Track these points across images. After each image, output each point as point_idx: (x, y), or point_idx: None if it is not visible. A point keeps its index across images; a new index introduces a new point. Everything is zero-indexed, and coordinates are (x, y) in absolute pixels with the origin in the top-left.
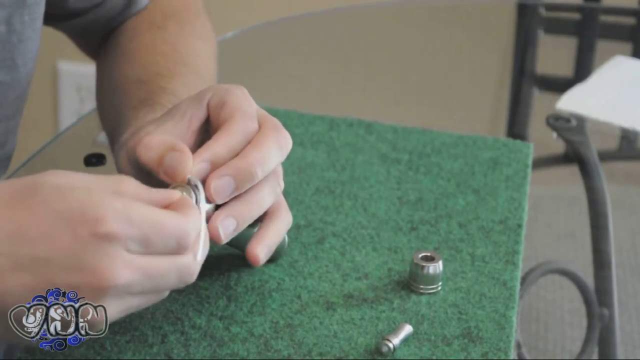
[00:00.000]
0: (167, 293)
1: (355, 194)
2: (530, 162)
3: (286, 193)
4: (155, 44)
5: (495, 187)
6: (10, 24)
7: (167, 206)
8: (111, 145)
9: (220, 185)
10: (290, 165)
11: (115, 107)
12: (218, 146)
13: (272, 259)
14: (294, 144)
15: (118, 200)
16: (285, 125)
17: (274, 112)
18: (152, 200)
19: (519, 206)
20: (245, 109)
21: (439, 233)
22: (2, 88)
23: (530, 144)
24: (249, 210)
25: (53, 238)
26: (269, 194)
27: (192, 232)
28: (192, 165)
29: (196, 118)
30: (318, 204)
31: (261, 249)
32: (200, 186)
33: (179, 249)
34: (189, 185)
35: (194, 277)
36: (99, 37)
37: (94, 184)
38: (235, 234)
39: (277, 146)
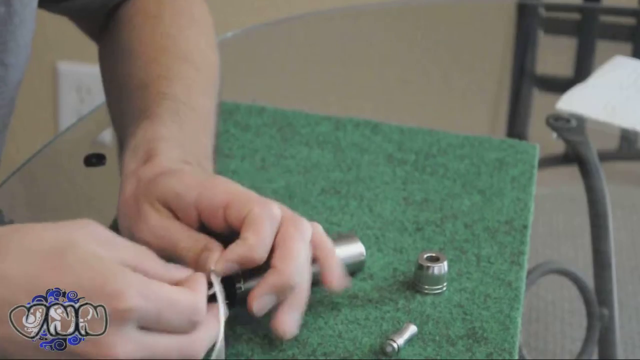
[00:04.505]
0: None
1: (361, 195)
2: (536, 163)
3: (292, 193)
4: (154, 38)
5: (501, 188)
6: (10, 4)
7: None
8: (119, 146)
9: (263, 304)
10: (296, 166)
11: (122, 114)
12: (245, 250)
13: (352, 274)
14: (300, 143)
15: (136, 277)
16: (292, 126)
17: (280, 113)
18: (166, 276)
19: (525, 207)
20: (262, 203)
21: (445, 234)
22: (9, 71)
23: (536, 145)
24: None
25: None
26: (303, 251)
27: (202, 308)
28: (219, 262)
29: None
30: (324, 204)
31: (285, 321)
32: (218, 287)
33: (189, 325)
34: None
35: (199, 355)
36: (98, 19)
37: (120, 253)
38: (272, 304)
39: (303, 242)
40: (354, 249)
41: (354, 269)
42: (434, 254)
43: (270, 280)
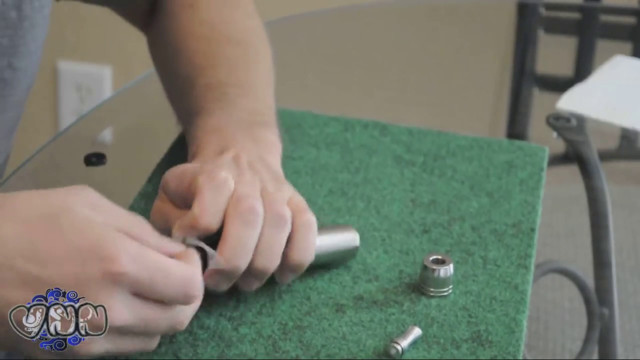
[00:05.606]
0: (155, 342)
1: (368, 196)
2: (545, 165)
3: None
4: (193, 30)
5: (510, 190)
6: (21, 9)
7: (171, 256)
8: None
9: (214, 284)
10: (304, 167)
11: (178, 111)
12: (190, 219)
13: (342, 261)
14: (308, 144)
15: (131, 243)
16: (300, 127)
17: (288, 114)
18: (159, 247)
19: (533, 210)
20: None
21: (452, 236)
22: (18, 75)
23: (545, 148)
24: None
25: (63, 266)
26: (272, 234)
27: (197, 281)
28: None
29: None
30: (331, 206)
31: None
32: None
33: (185, 298)
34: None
35: (183, 326)
36: (142, 9)
37: (113, 219)
38: (228, 283)
39: (243, 224)
40: (347, 236)
41: (346, 255)
42: (439, 256)
43: (211, 265)
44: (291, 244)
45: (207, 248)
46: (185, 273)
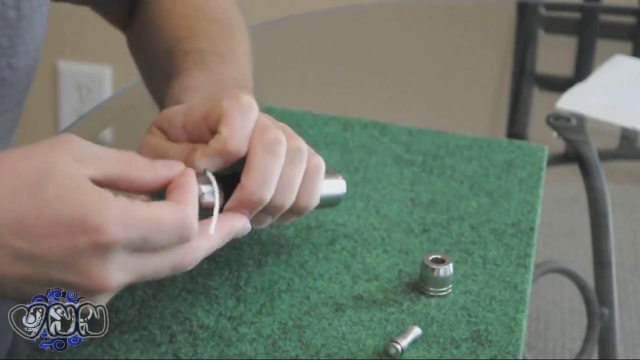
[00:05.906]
0: None
1: (368, 196)
2: (544, 165)
3: None
4: (174, 8)
5: (509, 190)
6: (20, 8)
7: (169, 183)
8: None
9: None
10: None
11: (156, 87)
12: (220, 143)
13: (331, 205)
14: (308, 144)
15: (117, 205)
16: (299, 126)
17: (287, 113)
18: (156, 177)
19: (532, 209)
20: (231, 96)
21: (451, 235)
22: (17, 74)
23: (545, 147)
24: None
25: (52, 240)
26: (292, 169)
27: (190, 222)
28: (201, 159)
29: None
30: None
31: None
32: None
33: (180, 241)
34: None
35: (189, 266)
36: (123, 9)
37: (99, 167)
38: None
39: (268, 153)
40: (336, 183)
41: (335, 201)
42: (439, 256)
43: (235, 196)
44: (300, 186)
45: (215, 185)
46: (177, 217)
